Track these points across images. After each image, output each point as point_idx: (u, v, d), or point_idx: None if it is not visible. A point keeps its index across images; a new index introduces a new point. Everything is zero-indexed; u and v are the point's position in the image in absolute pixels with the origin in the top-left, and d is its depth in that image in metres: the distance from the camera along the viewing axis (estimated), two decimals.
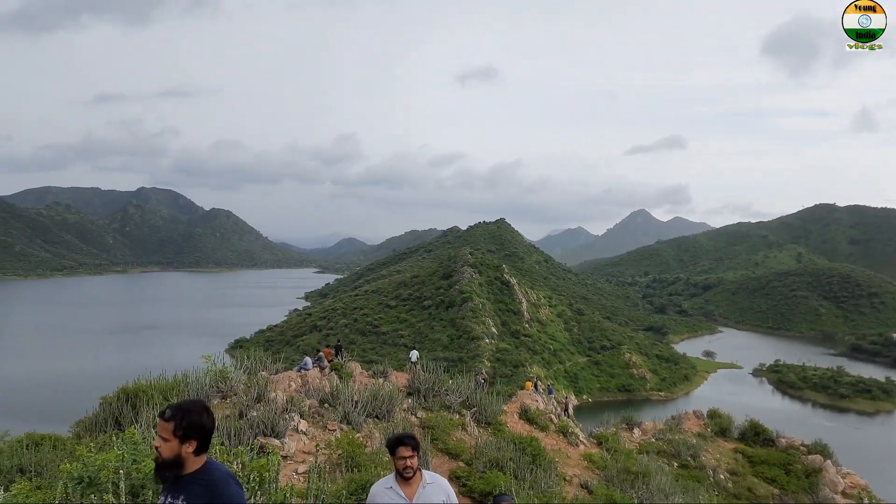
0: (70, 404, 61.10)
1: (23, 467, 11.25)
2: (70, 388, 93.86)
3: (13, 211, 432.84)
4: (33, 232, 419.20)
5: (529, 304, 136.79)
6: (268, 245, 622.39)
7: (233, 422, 13.35)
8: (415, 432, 16.88)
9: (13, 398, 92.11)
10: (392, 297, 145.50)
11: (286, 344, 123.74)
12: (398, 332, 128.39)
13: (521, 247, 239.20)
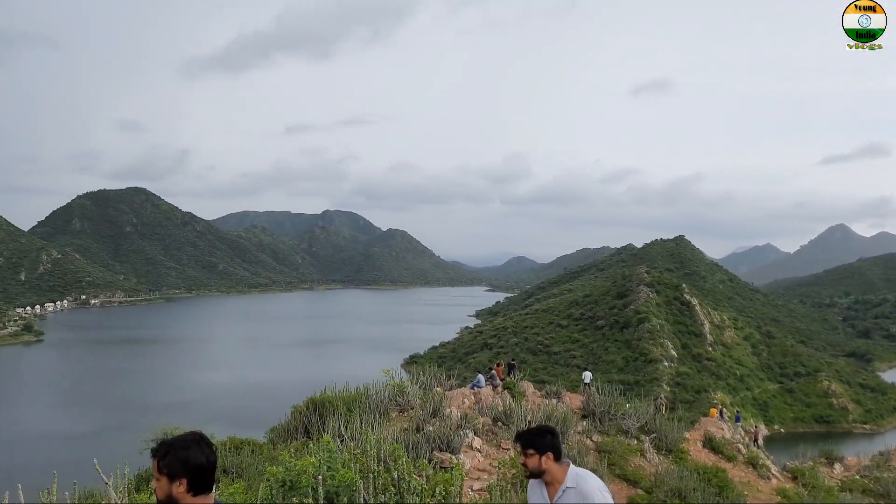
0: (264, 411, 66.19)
1: (226, 468, 12.25)
2: (263, 396, 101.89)
3: (217, 234, 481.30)
4: (234, 252, 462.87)
5: (712, 325, 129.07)
6: (440, 264, 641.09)
7: (410, 435, 13.73)
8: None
9: (217, 404, 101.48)
10: (563, 316, 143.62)
11: (458, 361, 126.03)
12: (570, 352, 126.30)
13: (703, 265, 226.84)
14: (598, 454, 16.76)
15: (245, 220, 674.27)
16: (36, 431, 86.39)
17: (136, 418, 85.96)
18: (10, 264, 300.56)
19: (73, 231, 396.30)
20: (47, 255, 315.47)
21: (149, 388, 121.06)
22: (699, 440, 21.89)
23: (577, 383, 33.67)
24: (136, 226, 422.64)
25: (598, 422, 19.92)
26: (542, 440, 4.61)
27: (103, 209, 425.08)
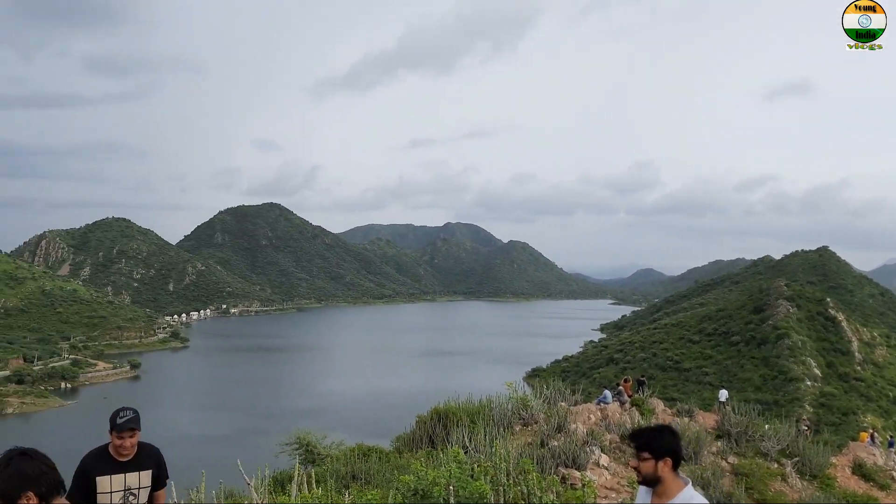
0: (388, 420, 67.60)
1: (355, 474, 12.57)
2: (387, 404, 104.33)
3: (345, 246, 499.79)
4: (360, 264, 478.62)
5: (861, 343, 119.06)
6: (563, 276, 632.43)
7: (535, 449, 13.52)
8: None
9: (344, 411, 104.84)
10: (695, 331, 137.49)
11: (582, 375, 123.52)
12: (702, 368, 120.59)
13: (850, 278, 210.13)
14: (735, 477, 15.84)
15: (370, 232, 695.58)
16: (182, 432, 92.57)
17: (270, 423, 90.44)
18: (161, 276, 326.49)
19: (215, 244, 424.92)
20: (192, 267, 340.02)
21: (282, 394, 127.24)
22: (847, 466, 20.16)
23: (709, 401, 32.10)
24: (271, 239, 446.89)
25: (734, 443, 18.85)
26: (660, 441, 3.97)
27: (242, 223, 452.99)
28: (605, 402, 22.24)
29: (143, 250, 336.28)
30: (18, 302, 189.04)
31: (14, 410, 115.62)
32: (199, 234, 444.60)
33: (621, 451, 16.15)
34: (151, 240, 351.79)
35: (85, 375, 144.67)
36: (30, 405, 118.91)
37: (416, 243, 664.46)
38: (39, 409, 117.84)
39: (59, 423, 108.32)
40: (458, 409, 17.28)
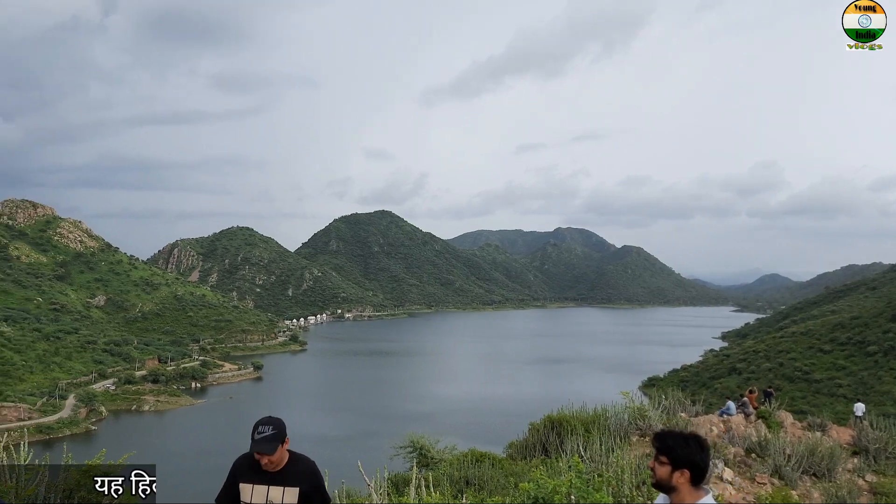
0: (499, 426, 67.41)
1: (468, 479, 12.60)
2: (498, 410, 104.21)
3: (454, 252, 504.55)
4: (469, 270, 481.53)
5: None
6: (680, 282, 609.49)
7: None
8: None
9: (455, 416, 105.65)
10: (826, 340, 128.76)
11: (702, 385, 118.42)
12: (834, 380, 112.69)
13: None
14: (874, 496, 14.66)
15: (479, 238, 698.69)
16: (302, 431, 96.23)
17: (384, 425, 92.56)
18: (280, 281, 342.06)
19: (330, 251, 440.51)
20: (310, 273, 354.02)
21: (394, 396, 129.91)
22: None
23: (843, 415, 29.92)
24: (383, 246, 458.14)
25: (872, 460, 17.44)
26: (682, 450, 3.62)
27: (355, 231, 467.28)
28: (728, 414, 21.21)
29: (264, 257, 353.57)
30: (154, 306, 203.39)
31: (150, 408, 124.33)
32: (316, 242, 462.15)
33: (746, 465, 15.34)
34: (272, 247, 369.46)
35: (213, 376, 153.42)
36: (164, 403, 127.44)
37: (526, 249, 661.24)
38: (172, 407, 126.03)
39: (190, 420, 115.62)
40: (572, 417, 16.97)
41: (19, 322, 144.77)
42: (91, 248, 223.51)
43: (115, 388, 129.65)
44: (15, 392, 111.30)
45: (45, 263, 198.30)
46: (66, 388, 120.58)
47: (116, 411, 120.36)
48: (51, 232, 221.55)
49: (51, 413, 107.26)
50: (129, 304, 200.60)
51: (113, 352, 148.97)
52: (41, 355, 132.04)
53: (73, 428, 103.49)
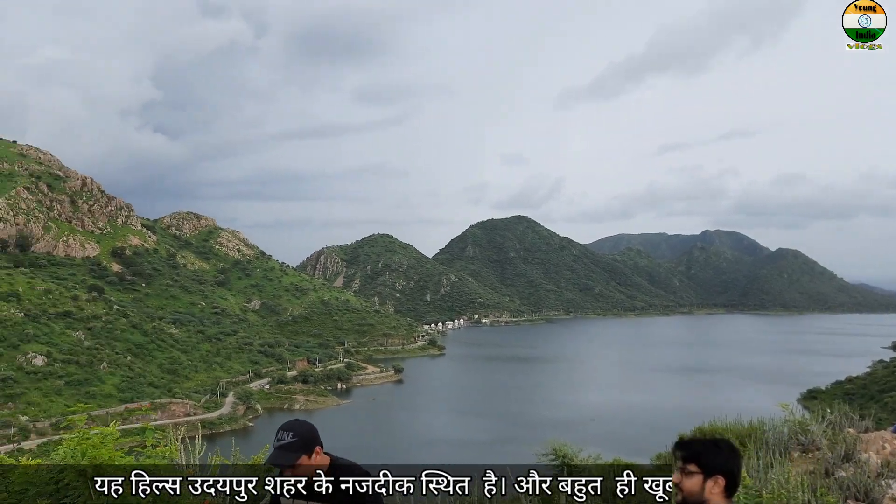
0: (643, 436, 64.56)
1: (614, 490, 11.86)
2: (641, 420, 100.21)
3: (593, 257, 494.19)
4: (609, 275, 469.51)
5: None
6: (843, 287, 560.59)
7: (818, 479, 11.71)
8: None
9: (596, 424, 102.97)
10: None
11: (870, 399, 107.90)
12: None
13: None
14: None
15: (620, 242, 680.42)
16: (441, 435, 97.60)
17: (523, 431, 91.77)
18: (419, 286, 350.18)
19: (466, 257, 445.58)
20: (447, 278, 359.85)
21: (532, 403, 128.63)
22: None
23: None
24: (519, 251, 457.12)
25: None
26: (714, 456, 3.05)
27: (491, 236, 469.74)
28: None
29: (403, 263, 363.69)
30: (303, 310, 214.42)
31: (301, 406, 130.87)
32: (453, 247, 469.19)
33: None
34: (411, 253, 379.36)
35: (357, 377, 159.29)
36: (313, 402, 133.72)
37: (670, 253, 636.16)
38: (321, 407, 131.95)
39: (336, 419, 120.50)
40: (725, 429, 15.68)
41: (186, 324, 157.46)
42: (247, 256, 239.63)
43: (270, 388, 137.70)
44: (182, 389, 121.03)
45: (207, 270, 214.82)
46: (226, 387, 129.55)
47: (270, 409, 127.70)
48: (212, 241, 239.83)
49: (213, 410, 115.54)
50: (280, 308, 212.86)
51: (267, 353, 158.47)
52: (204, 355, 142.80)
53: (233, 424, 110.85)
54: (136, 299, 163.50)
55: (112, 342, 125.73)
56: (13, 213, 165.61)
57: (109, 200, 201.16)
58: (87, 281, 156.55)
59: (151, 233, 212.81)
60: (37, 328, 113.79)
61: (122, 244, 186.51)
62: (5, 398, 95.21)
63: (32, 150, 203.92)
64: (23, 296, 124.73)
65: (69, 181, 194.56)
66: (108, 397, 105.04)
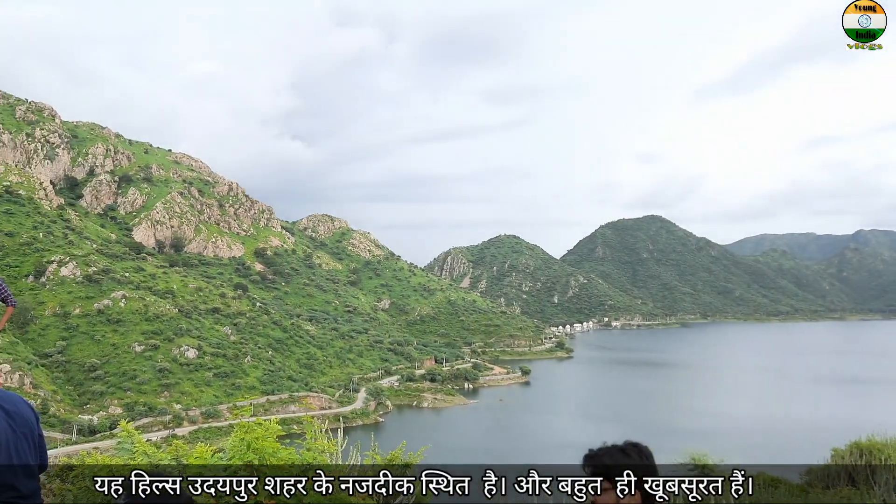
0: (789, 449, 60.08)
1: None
2: (786, 432, 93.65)
3: (733, 259, 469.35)
4: (751, 278, 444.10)
5: None
6: None
7: None
8: None
9: (736, 434, 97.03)
10: None
11: None
12: None
13: None
14: None
15: (762, 243, 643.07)
16: (569, 439, 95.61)
17: (655, 439, 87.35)
18: (546, 288, 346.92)
19: (596, 258, 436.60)
20: (575, 280, 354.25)
21: (667, 410, 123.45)
22: None
23: None
24: (652, 252, 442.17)
25: None
26: (626, 466, 2.74)
27: (622, 237, 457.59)
28: None
29: (530, 264, 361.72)
30: (430, 310, 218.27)
31: (428, 405, 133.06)
32: (581, 248, 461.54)
33: None
34: (538, 254, 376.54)
35: (484, 378, 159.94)
36: (440, 401, 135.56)
37: (820, 254, 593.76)
38: (448, 405, 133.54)
39: (463, 419, 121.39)
40: (885, 445, 14.06)
41: (321, 322, 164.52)
42: (377, 257, 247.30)
43: (399, 385, 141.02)
44: (318, 383, 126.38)
45: (340, 270, 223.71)
46: (358, 382, 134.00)
47: (400, 406, 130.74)
48: (345, 242, 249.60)
49: (346, 404, 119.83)
50: (409, 308, 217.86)
51: (396, 351, 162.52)
52: (338, 352, 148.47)
53: (365, 418, 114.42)
54: (276, 297, 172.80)
55: (255, 337, 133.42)
56: (169, 216, 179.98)
57: (253, 204, 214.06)
58: (233, 279, 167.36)
59: (290, 234, 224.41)
60: (189, 323, 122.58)
61: (264, 245, 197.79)
62: (162, 387, 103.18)
63: (185, 158, 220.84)
64: (177, 293, 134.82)
65: (217, 186, 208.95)
66: (252, 389, 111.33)
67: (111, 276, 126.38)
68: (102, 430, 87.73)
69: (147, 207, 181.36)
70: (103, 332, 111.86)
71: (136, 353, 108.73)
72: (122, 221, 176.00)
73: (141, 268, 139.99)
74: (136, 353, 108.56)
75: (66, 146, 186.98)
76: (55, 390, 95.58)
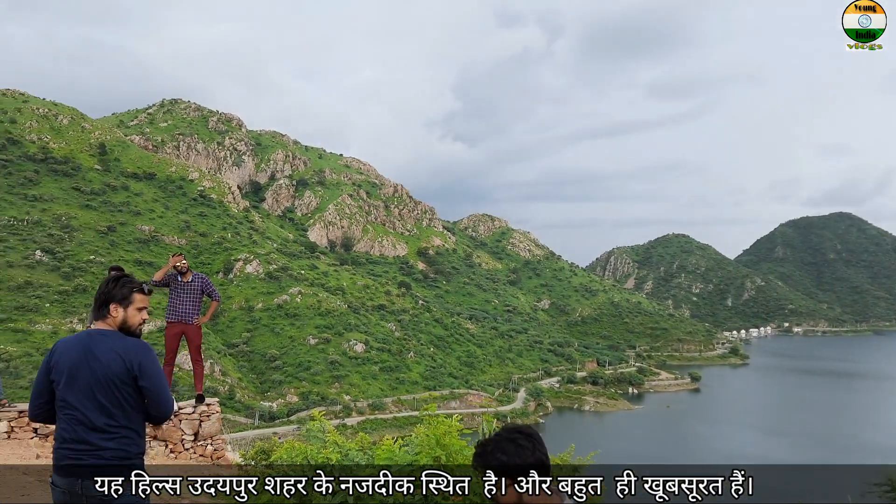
0: None
1: None
2: None
3: None
4: None
5: None
6: None
7: None
8: None
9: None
10: None
11: None
12: None
13: None
14: None
15: None
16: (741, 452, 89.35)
17: (844, 456, 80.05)
18: (718, 290, 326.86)
19: (775, 259, 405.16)
20: (751, 282, 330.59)
21: (857, 425, 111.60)
22: None
23: None
24: (840, 252, 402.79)
25: None
26: (518, 458, 2.55)
27: (805, 236, 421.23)
28: None
29: (701, 265, 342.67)
30: (592, 311, 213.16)
31: (590, 408, 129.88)
32: (758, 248, 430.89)
33: None
34: (709, 255, 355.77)
35: (649, 383, 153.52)
36: (602, 405, 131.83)
37: None
38: (610, 410, 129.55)
39: (626, 424, 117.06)
40: None
41: (480, 321, 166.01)
42: (537, 257, 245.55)
43: (559, 386, 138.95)
44: (478, 381, 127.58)
45: (500, 270, 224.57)
46: (518, 382, 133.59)
47: (560, 408, 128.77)
48: (505, 242, 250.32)
49: (505, 403, 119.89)
50: (569, 309, 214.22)
51: (556, 352, 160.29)
52: (497, 351, 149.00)
53: (524, 418, 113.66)
54: (437, 295, 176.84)
55: (417, 334, 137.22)
56: (340, 217, 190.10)
57: (416, 205, 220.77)
58: (397, 277, 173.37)
59: (451, 234, 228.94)
60: (357, 318, 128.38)
61: (427, 245, 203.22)
62: (333, 379, 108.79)
63: (354, 162, 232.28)
64: (346, 290, 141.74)
65: (383, 188, 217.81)
66: (414, 384, 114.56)
67: (289, 273, 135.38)
68: (280, 417, 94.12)
69: (320, 209, 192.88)
70: (282, 326, 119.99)
71: (311, 345, 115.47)
72: (298, 222, 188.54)
73: (315, 266, 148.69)
74: (310, 346, 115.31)
75: (251, 153, 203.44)
76: (241, 378, 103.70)
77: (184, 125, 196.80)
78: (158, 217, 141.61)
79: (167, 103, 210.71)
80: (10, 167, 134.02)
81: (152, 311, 30.91)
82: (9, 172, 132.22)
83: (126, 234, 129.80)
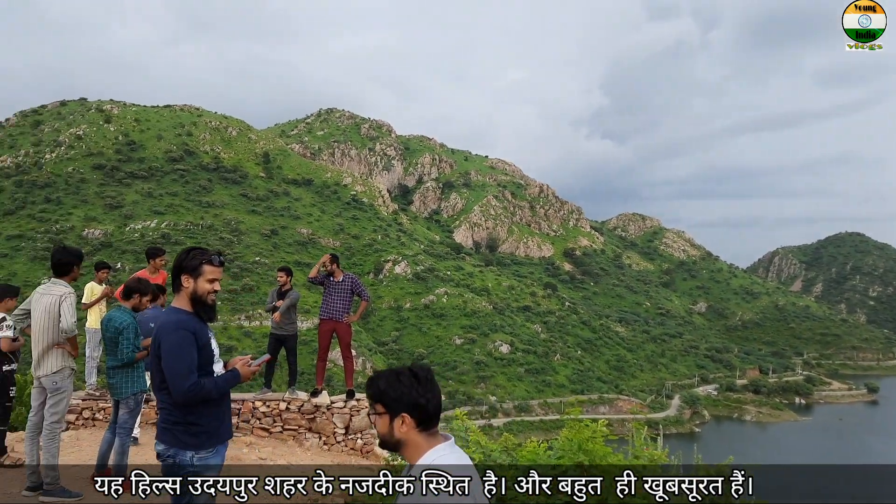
0: None
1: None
2: None
3: None
4: None
5: None
6: None
7: None
8: None
9: None
10: None
11: None
12: None
13: None
14: None
15: None
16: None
17: None
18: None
19: None
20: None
21: None
22: None
23: None
24: None
25: None
26: (394, 390, 2.62)
27: None
28: None
29: (879, 266, 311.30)
30: (753, 315, 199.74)
31: (752, 418, 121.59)
32: None
33: None
34: (889, 254, 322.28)
35: (819, 393, 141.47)
36: (765, 415, 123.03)
37: None
38: (774, 421, 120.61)
39: (792, 436, 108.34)
40: None
41: (631, 324, 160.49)
42: (692, 257, 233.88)
43: (717, 394, 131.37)
44: (628, 387, 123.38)
45: (651, 271, 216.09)
46: (672, 389, 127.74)
47: (718, 417, 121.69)
48: (657, 242, 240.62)
49: (658, 410, 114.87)
50: (728, 312, 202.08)
51: (714, 358, 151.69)
52: (649, 355, 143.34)
53: (678, 427, 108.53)
54: (584, 297, 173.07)
55: (564, 336, 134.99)
56: (485, 218, 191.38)
57: (562, 205, 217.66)
58: (543, 279, 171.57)
59: (599, 234, 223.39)
60: (502, 319, 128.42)
61: (573, 245, 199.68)
62: (478, 379, 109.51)
63: (500, 163, 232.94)
64: (492, 291, 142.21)
65: (528, 188, 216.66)
66: (561, 387, 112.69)
67: (435, 274, 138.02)
68: None
69: (466, 211, 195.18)
70: (429, 325, 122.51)
71: (456, 345, 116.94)
72: (444, 224, 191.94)
73: (460, 267, 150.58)
74: (456, 346, 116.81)
75: (400, 157, 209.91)
76: None
77: (338, 133, 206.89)
78: (315, 220, 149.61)
79: (324, 112, 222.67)
80: (188, 176, 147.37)
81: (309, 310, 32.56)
82: (186, 181, 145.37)
83: (287, 236, 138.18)
